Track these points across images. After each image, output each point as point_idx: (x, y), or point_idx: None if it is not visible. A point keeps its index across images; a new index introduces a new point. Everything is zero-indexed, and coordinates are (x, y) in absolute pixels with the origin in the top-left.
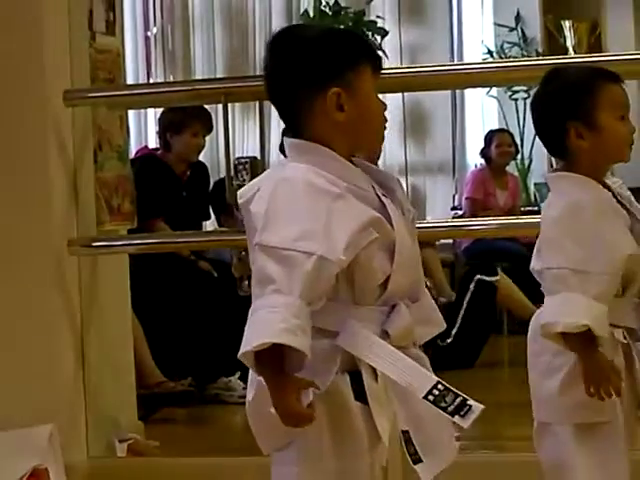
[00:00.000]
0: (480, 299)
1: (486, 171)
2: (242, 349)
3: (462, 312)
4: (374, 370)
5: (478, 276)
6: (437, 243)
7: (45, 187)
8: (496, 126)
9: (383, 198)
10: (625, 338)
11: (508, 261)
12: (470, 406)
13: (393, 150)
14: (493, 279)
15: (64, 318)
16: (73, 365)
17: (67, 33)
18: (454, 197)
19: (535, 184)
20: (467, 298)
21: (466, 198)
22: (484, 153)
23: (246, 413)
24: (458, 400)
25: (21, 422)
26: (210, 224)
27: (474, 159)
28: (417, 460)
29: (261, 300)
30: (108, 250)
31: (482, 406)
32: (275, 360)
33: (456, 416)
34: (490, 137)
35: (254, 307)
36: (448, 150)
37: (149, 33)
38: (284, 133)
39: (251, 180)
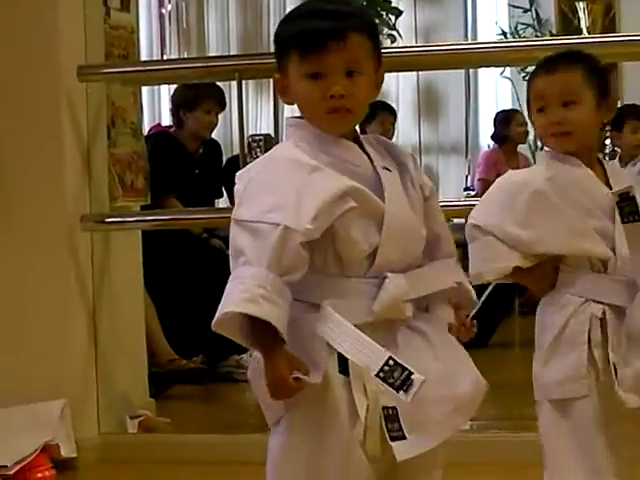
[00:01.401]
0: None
1: (498, 152)
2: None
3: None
4: None
5: None
6: (450, 223)
7: (58, 163)
8: (509, 107)
9: (382, 171)
10: (604, 314)
11: None
12: (412, 380)
13: (407, 130)
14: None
15: (76, 294)
16: (85, 341)
17: (82, 9)
18: (467, 178)
19: None
20: None
21: (478, 179)
22: (499, 133)
23: None
24: (404, 374)
25: (33, 397)
26: (223, 202)
27: (487, 140)
28: (397, 437)
29: (233, 273)
30: (120, 226)
31: (422, 378)
32: (261, 333)
33: (400, 391)
34: (508, 117)
35: (229, 280)
36: (461, 131)
37: (163, 10)
38: None
39: None
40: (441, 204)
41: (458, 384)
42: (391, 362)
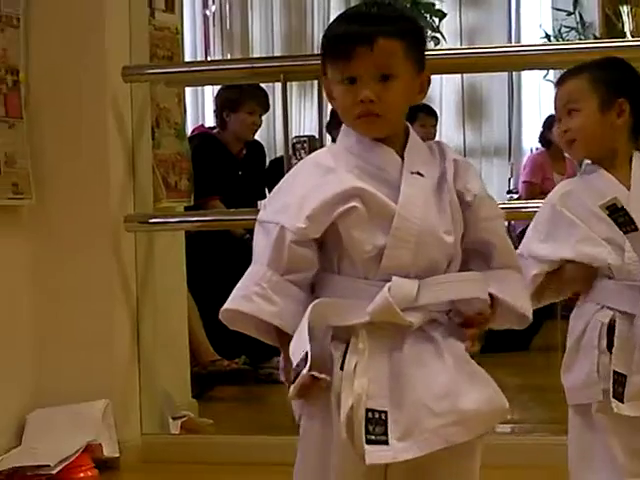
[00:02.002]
0: None
1: (545, 155)
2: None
3: None
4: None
5: None
6: None
7: (103, 163)
8: (552, 110)
9: (409, 176)
10: (613, 320)
11: None
12: (299, 373)
13: (450, 133)
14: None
15: (120, 294)
16: (128, 342)
17: (127, 10)
18: (510, 181)
19: (587, 164)
20: None
21: (523, 182)
22: (544, 137)
23: None
24: (299, 368)
25: (76, 397)
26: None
27: (530, 143)
28: (377, 441)
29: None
30: (164, 227)
31: (305, 373)
32: (270, 330)
33: (291, 383)
34: (551, 121)
35: None
36: (504, 134)
37: (207, 12)
38: None
39: None
40: None
41: (462, 399)
42: (304, 356)
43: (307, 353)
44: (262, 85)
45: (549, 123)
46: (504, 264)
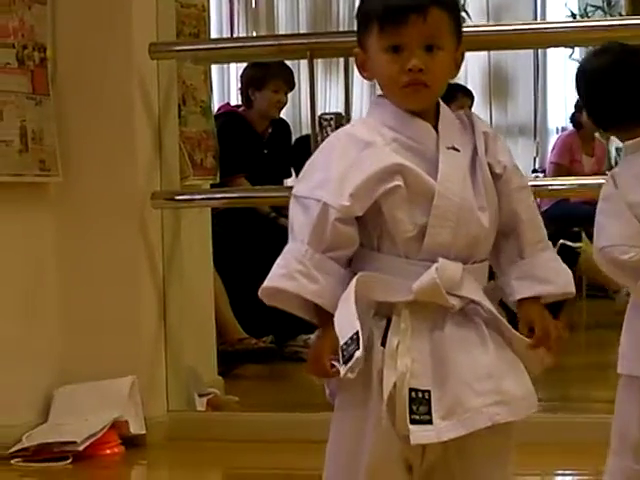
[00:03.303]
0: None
1: (574, 136)
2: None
3: None
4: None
5: (562, 241)
6: None
7: (130, 140)
8: None
9: (445, 151)
10: None
11: (589, 227)
12: (353, 356)
13: (477, 111)
14: (577, 245)
15: (147, 271)
16: (155, 319)
17: None
18: (535, 160)
19: (616, 149)
20: None
21: (551, 162)
22: (574, 118)
23: None
24: (352, 349)
25: (103, 374)
26: (291, 181)
27: (555, 122)
28: (421, 421)
29: (285, 247)
30: (190, 204)
31: (359, 355)
32: (310, 308)
33: (343, 364)
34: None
35: None
36: (530, 113)
37: None
38: None
39: None
40: None
41: (503, 381)
42: (355, 336)
43: (358, 333)
44: (287, 63)
45: (577, 104)
46: (533, 240)
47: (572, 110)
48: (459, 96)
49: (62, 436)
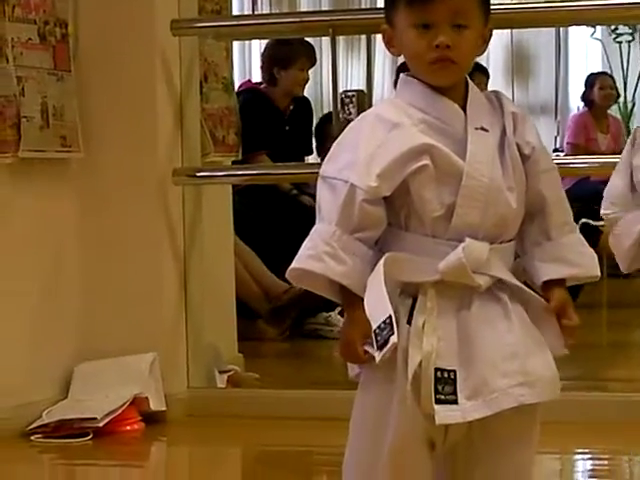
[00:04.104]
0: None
1: (587, 115)
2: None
3: None
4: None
5: (583, 220)
6: None
7: (152, 117)
8: (599, 69)
9: (473, 132)
10: None
11: None
12: (388, 341)
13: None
14: (599, 224)
15: (168, 248)
16: (176, 295)
17: None
18: (556, 139)
19: (638, 127)
20: None
21: (567, 143)
22: (586, 96)
23: None
24: (386, 334)
25: (124, 350)
26: (313, 159)
27: (576, 101)
28: (446, 401)
29: (313, 228)
30: (212, 180)
31: (395, 341)
32: (337, 289)
33: (377, 350)
34: (592, 80)
35: None
36: (551, 92)
37: None
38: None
39: (358, 114)
40: None
41: (529, 361)
42: (387, 320)
43: (391, 317)
44: (308, 40)
45: (591, 82)
46: (558, 223)
47: None
48: (475, 74)
49: (82, 412)
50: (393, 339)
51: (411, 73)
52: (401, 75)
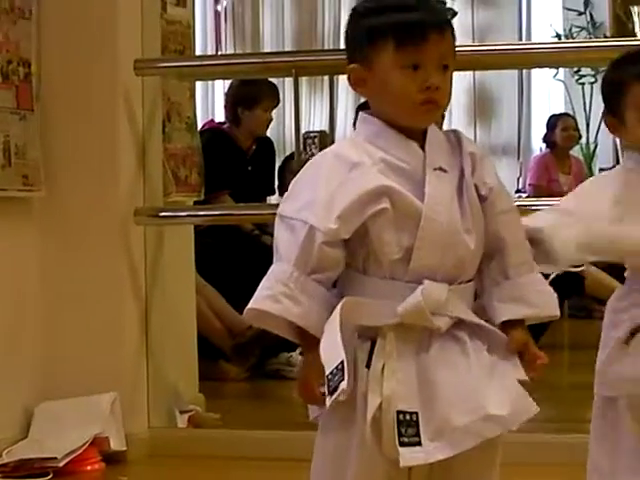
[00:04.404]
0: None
1: (549, 156)
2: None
3: None
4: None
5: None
6: None
7: (114, 156)
8: (562, 110)
9: (432, 172)
10: None
11: None
12: (338, 387)
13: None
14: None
15: (129, 288)
16: (137, 335)
17: (139, 3)
18: (518, 180)
19: (600, 169)
20: None
21: (529, 184)
22: (548, 138)
23: None
24: (337, 380)
25: (84, 390)
26: (275, 199)
27: (539, 143)
28: (410, 443)
29: (270, 268)
30: (173, 221)
31: (344, 387)
32: (295, 330)
33: (329, 395)
34: (554, 121)
35: None
36: (513, 133)
37: (219, 7)
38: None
39: None
40: None
41: (491, 395)
42: (340, 366)
43: (343, 362)
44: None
45: (553, 123)
46: (518, 263)
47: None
48: None
49: (42, 452)
50: (343, 385)
51: (372, 112)
52: (360, 113)
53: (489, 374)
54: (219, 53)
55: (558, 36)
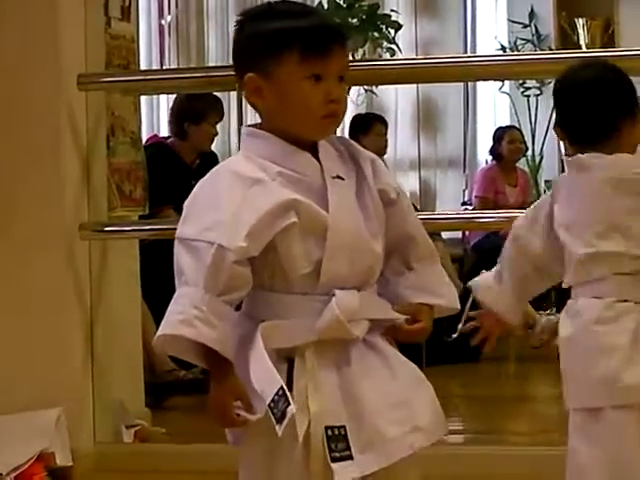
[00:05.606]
0: None
1: (495, 169)
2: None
3: (468, 307)
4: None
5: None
6: (446, 238)
7: (58, 171)
8: (508, 123)
9: (331, 181)
10: None
11: None
12: (286, 412)
13: (404, 144)
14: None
15: (74, 303)
16: (82, 350)
17: (83, 18)
18: (464, 192)
19: (546, 181)
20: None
21: (476, 196)
22: (494, 150)
23: None
24: (282, 406)
25: (29, 406)
26: None
27: (485, 155)
28: (342, 458)
29: (176, 292)
30: (118, 235)
31: (293, 411)
32: (207, 354)
33: (278, 423)
34: (500, 134)
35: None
36: (459, 145)
37: (163, 21)
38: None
39: None
40: (438, 217)
41: (416, 406)
42: (280, 392)
43: (283, 388)
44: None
45: (499, 136)
46: (424, 255)
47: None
48: (377, 125)
49: None
50: (290, 409)
51: (260, 125)
52: (246, 129)
53: (416, 385)
54: (164, 67)
55: (503, 49)
